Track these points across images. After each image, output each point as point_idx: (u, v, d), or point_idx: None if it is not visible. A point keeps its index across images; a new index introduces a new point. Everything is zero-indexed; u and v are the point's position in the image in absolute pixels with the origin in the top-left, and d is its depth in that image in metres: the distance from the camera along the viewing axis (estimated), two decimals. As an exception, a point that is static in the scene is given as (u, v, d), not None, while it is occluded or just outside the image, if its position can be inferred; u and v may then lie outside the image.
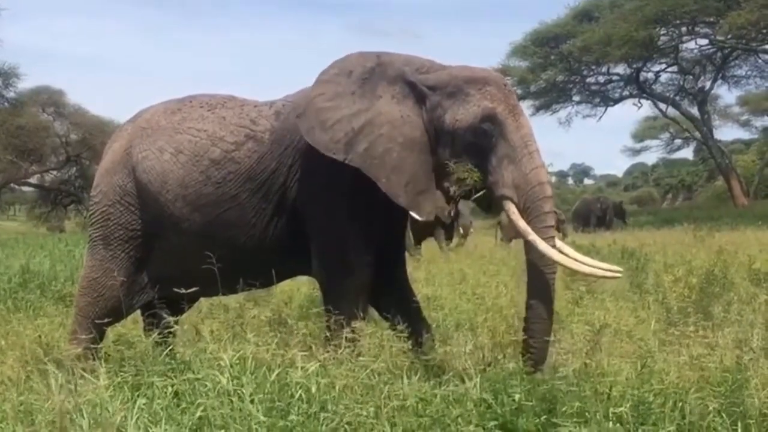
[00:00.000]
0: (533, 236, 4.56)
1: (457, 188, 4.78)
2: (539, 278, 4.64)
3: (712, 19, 34.75)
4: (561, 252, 4.69)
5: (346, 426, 3.62)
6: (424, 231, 14.72)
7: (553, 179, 70.61)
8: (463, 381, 4.05)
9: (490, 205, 4.91)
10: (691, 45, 38.43)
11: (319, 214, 5.00)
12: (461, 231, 16.15)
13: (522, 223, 4.61)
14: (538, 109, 41.42)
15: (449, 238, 15.56)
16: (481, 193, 4.77)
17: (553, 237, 4.68)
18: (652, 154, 74.77)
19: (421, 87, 4.90)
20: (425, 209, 4.87)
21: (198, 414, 3.59)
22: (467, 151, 4.75)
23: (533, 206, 4.65)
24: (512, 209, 4.67)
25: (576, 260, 4.75)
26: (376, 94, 4.93)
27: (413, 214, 4.92)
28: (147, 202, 5.23)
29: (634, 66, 39.21)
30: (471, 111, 4.76)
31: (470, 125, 4.75)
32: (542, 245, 4.54)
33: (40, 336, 5.87)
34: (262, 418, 3.54)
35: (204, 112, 5.29)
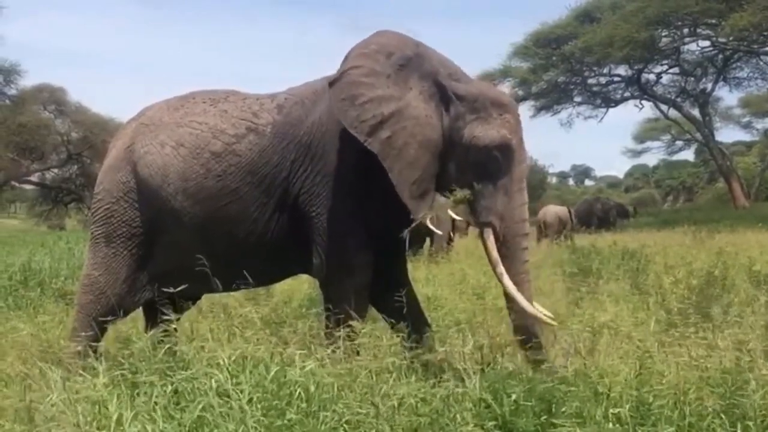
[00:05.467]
0: (501, 269, 4.80)
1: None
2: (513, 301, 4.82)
3: (713, 21, 34.65)
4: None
5: (345, 425, 3.62)
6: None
7: (554, 180, 70.76)
8: (462, 381, 4.05)
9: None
10: (693, 47, 38.40)
11: (320, 213, 4.99)
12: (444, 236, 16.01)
13: (495, 254, 4.83)
14: (539, 110, 41.35)
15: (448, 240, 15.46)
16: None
17: (526, 273, 4.89)
18: (653, 155, 75.03)
19: (450, 93, 4.94)
20: (422, 210, 4.90)
21: (197, 413, 3.59)
22: (473, 169, 4.86)
23: (513, 241, 4.86)
24: (490, 237, 4.85)
25: (525, 301, 4.81)
26: (408, 85, 4.95)
27: (412, 210, 4.95)
28: (149, 197, 5.22)
29: (636, 67, 39.16)
30: (489, 134, 4.85)
31: (484, 147, 4.84)
32: (506, 279, 4.77)
33: (38, 333, 5.88)
34: (260, 416, 3.54)
35: (206, 107, 5.28)
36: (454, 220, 5.55)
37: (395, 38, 5.11)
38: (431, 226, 5.07)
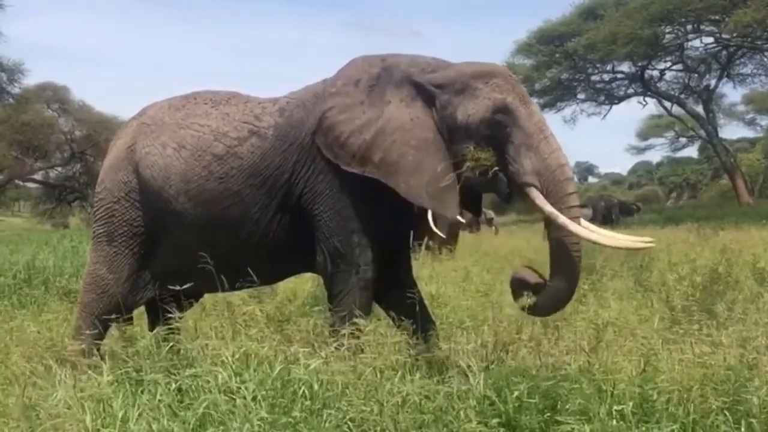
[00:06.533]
0: (563, 218, 4.60)
1: (476, 173, 4.79)
2: (565, 257, 4.68)
3: (717, 17, 34.62)
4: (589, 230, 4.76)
5: (349, 422, 3.62)
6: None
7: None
8: (466, 378, 4.05)
9: (510, 195, 4.89)
10: (697, 43, 38.34)
11: (323, 212, 5.00)
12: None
13: (549, 207, 4.64)
14: (542, 107, 41.11)
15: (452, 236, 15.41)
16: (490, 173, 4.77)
17: (579, 216, 4.72)
18: (657, 152, 74.52)
19: (429, 87, 4.92)
20: (450, 207, 4.88)
21: (201, 410, 3.60)
22: (482, 145, 4.77)
23: (557, 189, 4.69)
24: (537, 194, 4.69)
25: (605, 236, 4.83)
26: (385, 100, 4.95)
27: (440, 213, 4.94)
28: (150, 197, 5.23)
29: (639, 64, 39.11)
30: (482, 104, 4.80)
31: (483, 118, 4.78)
32: (573, 226, 4.60)
33: (42, 332, 5.89)
34: (264, 414, 3.55)
35: (208, 109, 5.29)
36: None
37: (359, 64, 5.14)
38: (434, 228, 5.03)
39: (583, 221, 4.78)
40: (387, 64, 5.06)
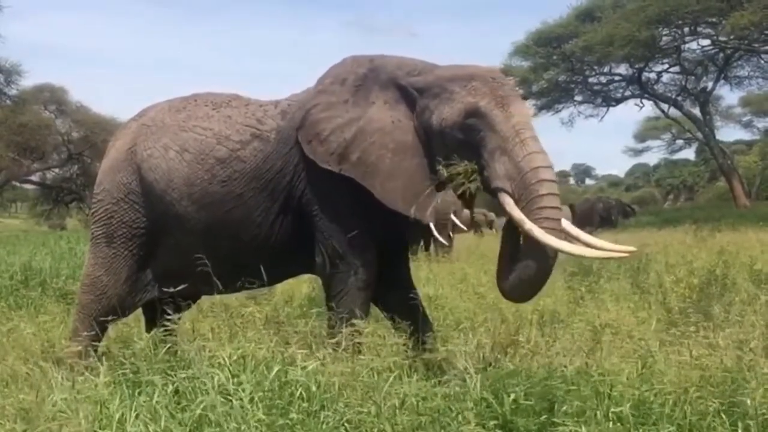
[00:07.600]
0: (529, 225, 4.41)
1: (454, 185, 4.80)
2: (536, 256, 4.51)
3: (714, 20, 34.58)
4: (566, 234, 4.57)
5: (346, 424, 3.62)
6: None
7: (555, 179, 70.56)
8: (463, 380, 4.05)
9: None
10: (694, 45, 38.23)
11: (323, 213, 5.01)
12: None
13: (517, 213, 4.48)
14: (540, 109, 41.01)
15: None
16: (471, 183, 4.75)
17: (553, 219, 4.47)
18: (654, 154, 74.88)
19: (411, 90, 4.93)
20: (425, 212, 4.87)
21: (198, 412, 3.60)
22: (459, 150, 4.74)
23: (526, 192, 4.49)
24: (507, 200, 4.55)
25: (580, 243, 4.66)
26: (369, 101, 4.96)
27: (415, 217, 4.93)
28: (152, 200, 5.23)
29: (636, 66, 39.07)
30: (455, 109, 4.76)
31: (455, 123, 4.75)
32: (539, 233, 4.38)
33: (39, 333, 5.88)
34: (261, 416, 3.55)
35: (209, 111, 5.30)
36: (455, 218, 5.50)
37: (349, 63, 5.16)
38: (436, 233, 5.03)
39: (565, 223, 4.62)
40: (374, 65, 5.07)
